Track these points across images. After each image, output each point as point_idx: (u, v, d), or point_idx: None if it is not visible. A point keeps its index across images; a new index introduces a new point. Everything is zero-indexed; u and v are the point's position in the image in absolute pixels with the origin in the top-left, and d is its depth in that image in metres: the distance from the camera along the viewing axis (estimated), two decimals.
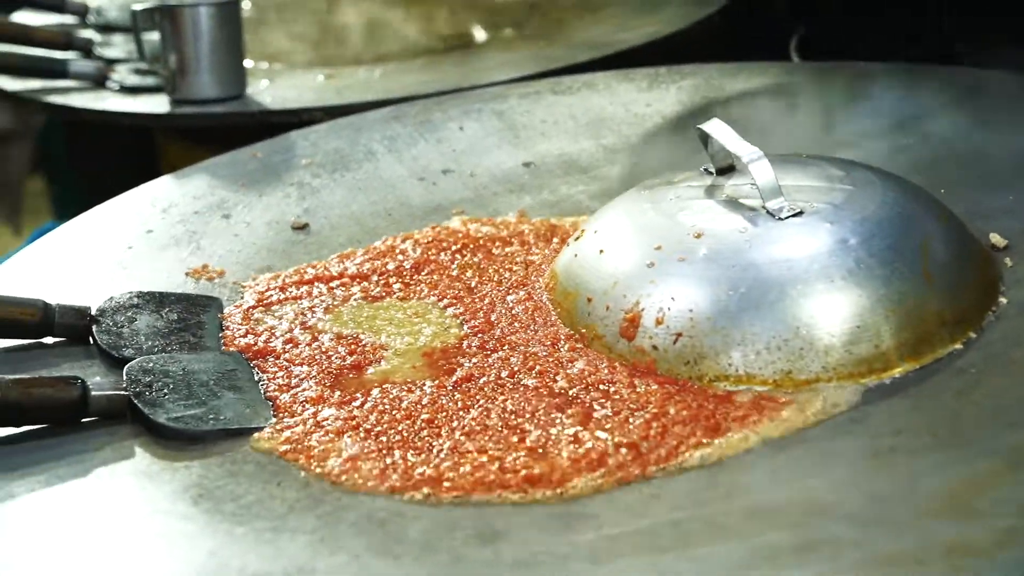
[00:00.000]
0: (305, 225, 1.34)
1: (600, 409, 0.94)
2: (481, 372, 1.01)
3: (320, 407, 0.99)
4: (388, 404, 0.98)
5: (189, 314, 1.14)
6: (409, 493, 0.88)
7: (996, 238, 1.09)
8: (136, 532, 0.88)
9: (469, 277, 1.18)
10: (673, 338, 0.99)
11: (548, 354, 1.03)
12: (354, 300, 1.17)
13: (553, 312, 1.09)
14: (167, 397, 0.99)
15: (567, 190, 1.37)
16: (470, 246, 1.23)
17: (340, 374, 1.04)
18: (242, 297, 1.19)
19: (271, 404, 1.00)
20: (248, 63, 1.89)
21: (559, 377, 0.99)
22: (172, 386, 1.00)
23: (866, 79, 1.43)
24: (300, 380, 1.03)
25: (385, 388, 1.01)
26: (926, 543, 0.76)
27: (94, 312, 1.12)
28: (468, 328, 1.09)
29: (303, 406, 0.99)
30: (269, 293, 1.19)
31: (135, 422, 0.98)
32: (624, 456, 0.89)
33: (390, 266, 1.21)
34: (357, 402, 0.99)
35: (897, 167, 1.14)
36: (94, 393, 0.98)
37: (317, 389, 1.01)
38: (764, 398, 0.94)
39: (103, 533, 0.89)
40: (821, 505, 0.82)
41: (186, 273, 1.25)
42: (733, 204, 1.06)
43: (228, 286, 1.22)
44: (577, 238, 1.13)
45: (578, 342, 1.04)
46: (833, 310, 0.96)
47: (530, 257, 1.20)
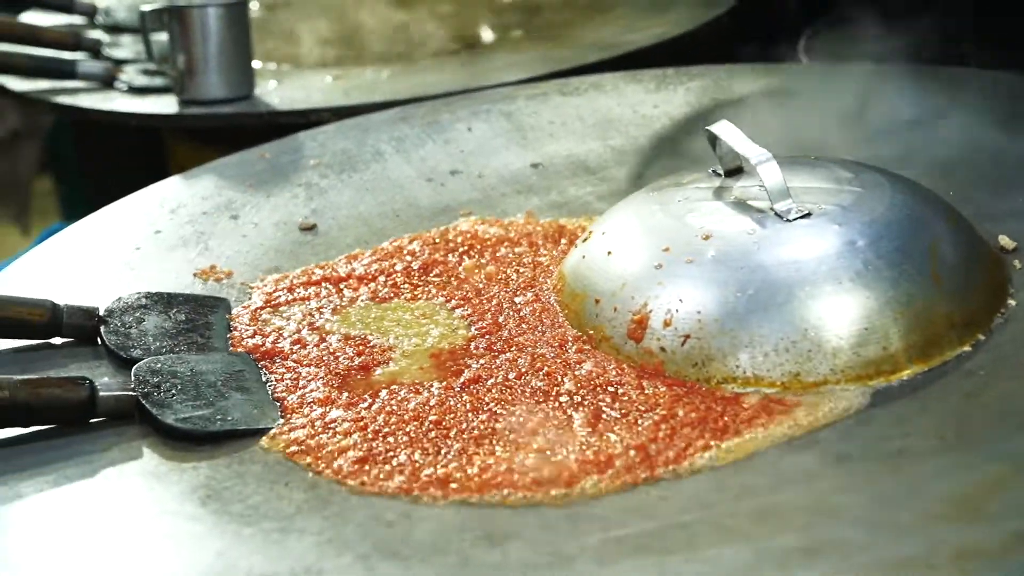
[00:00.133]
0: (313, 226, 1.34)
1: (608, 411, 0.94)
2: (489, 374, 1.01)
3: (328, 408, 0.99)
4: (396, 405, 0.98)
5: (197, 315, 1.14)
6: (417, 494, 0.88)
7: (1005, 240, 1.09)
8: (144, 533, 0.88)
9: (477, 279, 1.18)
10: (681, 340, 0.98)
11: (556, 356, 1.02)
12: (362, 301, 1.17)
13: (561, 314, 1.09)
14: (175, 398, 0.99)
15: (575, 191, 1.37)
16: (478, 247, 1.23)
17: (348, 375, 1.04)
18: (250, 298, 1.19)
19: (279, 405, 1.00)
20: (256, 64, 1.89)
21: (567, 379, 0.99)
22: (180, 387, 1.00)
23: (875, 81, 1.42)
24: (308, 381, 1.03)
25: (393, 389, 1.01)
26: (934, 546, 0.75)
27: (102, 313, 1.12)
28: (476, 329, 1.09)
29: (311, 407, 0.99)
30: (277, 294, 1.19)
31: (143, 423, 0.98)
32: (632, 458, 0.89)
33: (398, 267, 1.21)
34: (365, 403, 0.99)
35: (906, 169, 1.14)
36: (102, 394, 0.98)
37: (325, 390, 1.01)
38: (772, 400, 0.93)
39: (111, 533, 0.89)
40: (829, 507, 0.82)
41: (194, 274, 1.25)
42: (741, 206, 1.06)
43: (236, 287, 1.22)
44: (585, 239, 1.13)
45: (586, 344, 1.04)
46: (841, 312, 0.96)
47: (538, 258, 1.20)
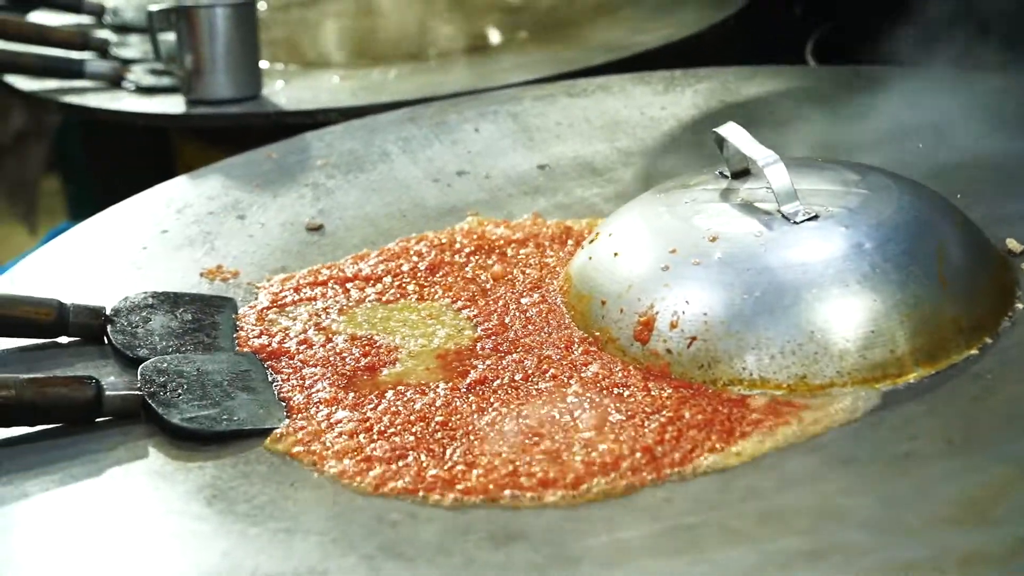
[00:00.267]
0: (320, 226, 1.34)
1: (614, 412, 0.94)
2: (495, 375, 1.01)
3: (334, 408, 0.99)
4: (402, 406, 0.98)
5: (203, 314, 1.14)
6: (422, 495, 0.88)
7: (1012, 243, 1.09)
8: (149, 532, 0.88)
9: (483, 279, 1.18)
10: (687, 342, 0.98)
11: (562, 357, 1.02)
12: (368, 301, 1.17)
13: (567, 315, 1.09)
14: (181, 397, 0.99)
15: (581, 192, 1.37)
16: (484, 248, 1.23)
17: (354, 375, 1.04)
18: (256, 298, 1.19)
19: (285, 405, 1.00)
20: (263, 64, 1.89)
21: (573, 380, 0.99)
22: (186, 386, 1.00)
23: (882, 83, 1.42)
24: (314, 381, 1.03)
25: (399, 390, 1.01)
26: (940, 550, 0.75)
27: (109, 312, 1.12)
28: (482, 330, 1.09)
29: (317, 407, 0.99)
30: (283, 294, 1.19)
31: (149, 422, 0.98)
32: (638, 460, 0.89)
33: (404, 267, 1.21)
34: (371, 404, 0.99)
35: (913, 172, 1.14)
36: (108, 393, 0.98)
37: (331, 390, 1.01)
38: (778, 403, 0.93)
39: (116, 533, 0.89)
40: (835, 511, 0.82)
41: (200, 273, 1.25)
42: (748, 208, 1.06)
43: (242, 287, 1.22)
44: (591, 241, 1.13)
45: (592, 345, 1.03)
46: (848, 315, 0.96)
47: (544, 260, 1.20)
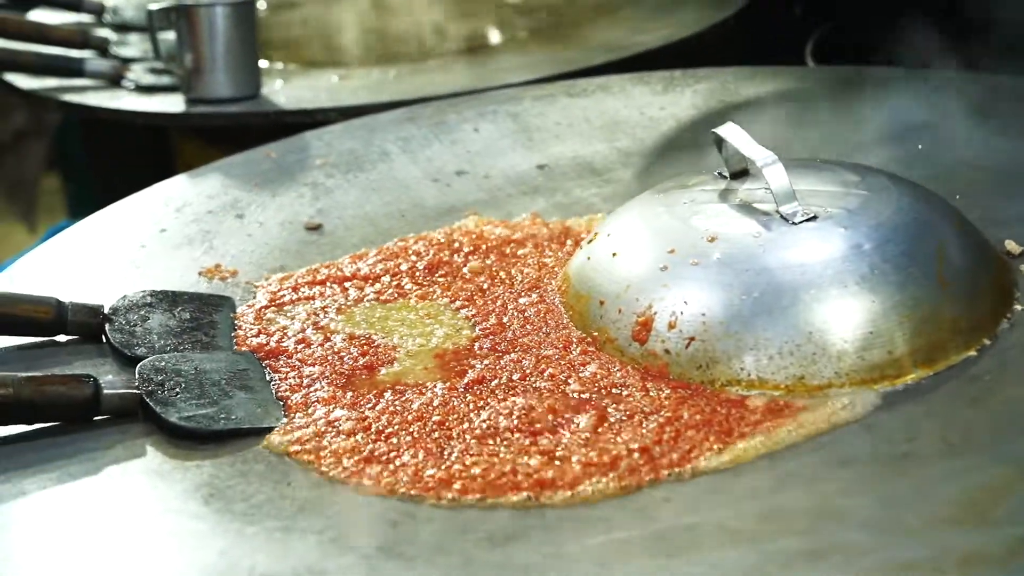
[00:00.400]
0: (318, 225, 1.34)
1: (612, 413, 0.94)
2: (493, 374, 1.01)
3: (332, 407, 0.99)
4: (400, 405, 0.98)
5: (202, 313, 1.14)
6: (420, 495, 0.88)
7: (1011, 245, 1.09)
8: (147, 531, 0.88)
9: (482, 279, 1.18)
10: (686, 342, 0.98)
11: (560, 357, 1.02)
12: (367, 301, 1.17)
13: (565, 315, 1.09)
14: (179, 396, 0.99)
15: (581, 192, 1.37)
16: (483, 248, 1.23)
17: (352, 375, 1.04)
18: (255, 297, 1.19)
19: (282, 404, 1.00)
20: (263, 63, 1.89)
21: (571, 380, 0.99)
22: (184, 385, 1.00)
23: (882, 84, 1.42)
24: (312, 380, 1.03)
25: (397, 389, 1.00)
26: (939, 551, 0.75)
27: (107, 310, 1.12)
28: (480, 330, 1.09)
29: (315, 406, 0.99)
30: (282, 293, 1.19)
31: (147, 421, 0.98)
32: (636, 460, 0.88)
33: (403, 267, 1.21)
34: (369, 403, 0.99)
35: (912, 173, 1.14)
36: (106, 391, 0.98)
37: (329, 390, 1.01)
38: (777, 403, 0.93)
39: (114, 532, 0.89)
40: (834, 511, 0.82)
41: (199, 272, 1.25)
42: (747, 208, 1.06)
43: (241, 286, 1.22)
44: (590, 241, 1.13)
45: (590, 345, 1.03)
46: (846, 316, 0.96)
47: (543, 259, 1.20)
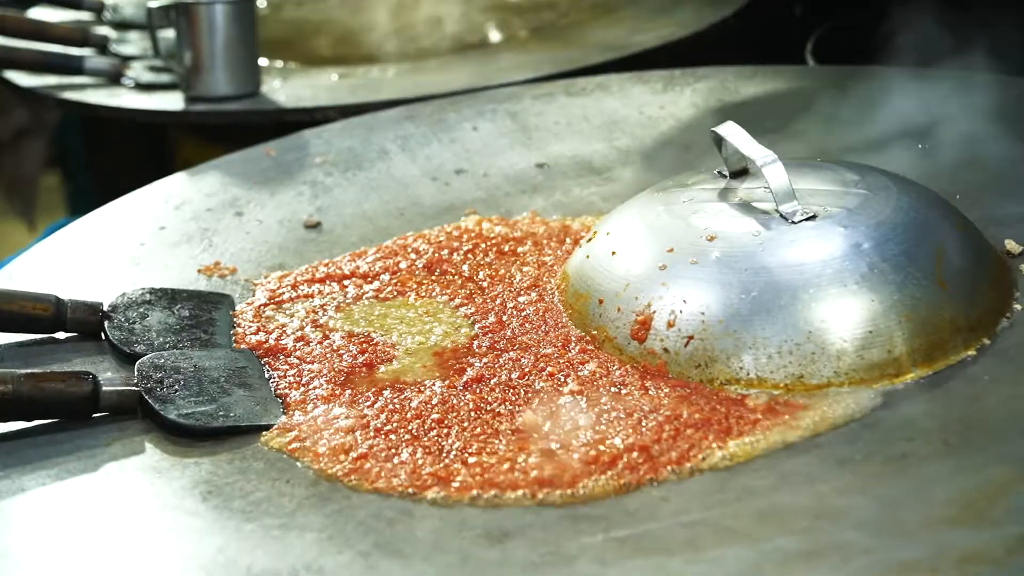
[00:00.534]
0: (317, 223, 1.34)
1: (611, 411, 0.94)
2: (492, 373, 1.01)
3: (330, 405, 0.99)
4: (398, 403, 0.98)
5: (201, 311, 1.14)
6: (418, 492, 0.88)
7: (1011, 244, 1.09)
8: (145, 528, 0.88)
9: (481, 277, 1.18)
10: (684, 341, 0.98)
11: (559, 355, 1.02)
12: (366, 299, 1.17)
13: (564, 314, 1.09)
14: (178, 393, 0.99)
15: (580, 191, 1.37)
16: (482, 246, 1.23)
17: (351, 373, 1.04)
18: (254, 294, 1.19)
19: (281, 401, 1.00)
20: (262, 61, 1.89)
21: (570, 379, 0.99)
22: (183, 382, 1.00)
23: (881, 83, 1.42)
24: (311, 378, 1.03)
25: (396, 387, 1.00)
26: (938, 551, 0.75)
27: (106, 308, 1.12)
28: (479, 328, 1.09)
29: (313, 404, 0.99)
30: (281, 291, 1.19)
31: (145, 418, 0.98)
32: (635, 458, 0.88)
33: (402, 265, 1.21)
34: (367, 401, 0.99)
35: (912, 172, 1.14)
36: (105, 388, 0.98)
37: (328, 387, 1.01)
38: (776, 402, 0.93)
39: (112, 528, 0.89)
40: (832, 510, 0.82)
41: (198, 270, 1.25)
42: (746, 207, 1.05)
43: (240, 283, 1.22)
44: (589, 240, 1.13)
45: (589, 344, 1.03)
46: (846, 315, 0.96)
47: (542, 258, 1.20)
